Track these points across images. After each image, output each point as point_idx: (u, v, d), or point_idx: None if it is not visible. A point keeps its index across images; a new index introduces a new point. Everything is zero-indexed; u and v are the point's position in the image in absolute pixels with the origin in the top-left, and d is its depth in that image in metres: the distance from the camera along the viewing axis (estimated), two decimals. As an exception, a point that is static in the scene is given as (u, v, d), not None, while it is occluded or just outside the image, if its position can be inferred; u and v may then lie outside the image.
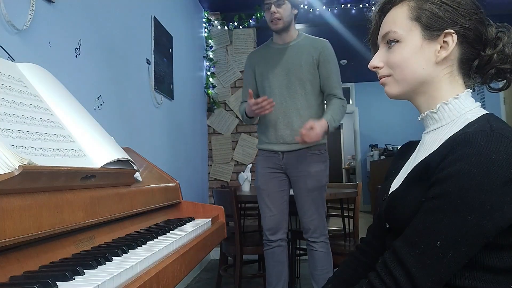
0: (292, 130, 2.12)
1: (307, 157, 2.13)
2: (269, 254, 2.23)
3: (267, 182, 2.20)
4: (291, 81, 2.13)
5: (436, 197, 0.69)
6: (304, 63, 2.12)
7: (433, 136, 0.83)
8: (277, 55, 2.18)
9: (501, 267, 0.70)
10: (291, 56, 2.15)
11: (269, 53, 2.22)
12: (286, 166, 2.17)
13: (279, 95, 2.15)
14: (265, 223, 2.21)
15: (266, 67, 2.20)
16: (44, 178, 0.66)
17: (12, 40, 1.34)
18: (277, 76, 2.16)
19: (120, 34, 2.18)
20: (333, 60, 2.15)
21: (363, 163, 8.16)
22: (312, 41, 2.18)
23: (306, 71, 2.12)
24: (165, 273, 0.70)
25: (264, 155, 2.23)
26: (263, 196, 2.21)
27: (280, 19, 2.09)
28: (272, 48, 2.23)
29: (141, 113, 2.46)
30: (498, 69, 0.81)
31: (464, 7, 0.79)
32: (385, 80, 0.86)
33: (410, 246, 0.70)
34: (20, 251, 0.61)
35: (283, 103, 2.14)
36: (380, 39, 0.87)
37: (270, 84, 2.17)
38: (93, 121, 0.96)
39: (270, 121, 2.17)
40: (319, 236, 2.13)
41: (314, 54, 2.13)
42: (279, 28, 2.12)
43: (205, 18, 4.20)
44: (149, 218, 1.11)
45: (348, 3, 4.06)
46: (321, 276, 2.12)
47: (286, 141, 2.14)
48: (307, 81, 2.13)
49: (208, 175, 4.15)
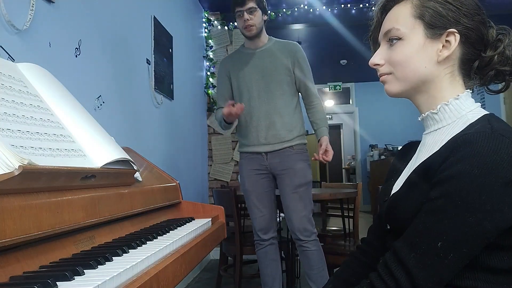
0: (274, 130, 2.17)
1: (291, 155, 2.17)
2: (262, 253, 2.26)
3: (254, 184, 2.23)
4: (268, 83, 2.19)
5: (437, 198, 0.69)
6: (279, 65, 2.19)
7: (434, 137, 0.82)
8: (251, 59, 2.24)
9: (502, 267, 0.70)
10: (265, 59, 2.21)
11: (242, 58, 2.27)
12: (270, 166, 2.20)
13: (258, 98, 2.19)
14: (256, 224, 2.24)
15: (242, 72, 2.24)
16: (44, 178, 0.66)
17: (12, 40, 1.34)
18: (254, 80, 2.21)
19: (120, 34, 2.18)
20: (306, 62, 2.25)
21: (363, 163, 8.16)
22: (284, 44, 2.26)
23: (282, 73, 2.19)
24: (165, 273, 0.70)
25: (248, 158, 2.26)
26: (251, 198, 2.24)
27: (253, 25, 2.15)
28: (244, 53, 2.28)
29: (141, 113, 2.46)
30: (498, 71, 0.81)
31: (467, 7, 0.79)
32: (386, 78, 0.86)
33: (411, 247, 0.70)
34: (20, 251, 0.61)
35: (262, 105, 2.19)
36: (381, 36, 0.87)
37: (248, 88, 2.21)
38: (93, 121, 0.96)
39: (252, 124, 2.21)
40: (310, 234, 2.14)
41: (288, 56, 2.20)
42: (253, 34, 2.18)
43: (205, 18, 4.20)
44: (149, 218, 1.11)
45: (348, 3, 4.06)
46: (318, 275, 2.13)
47: (269, 142, 2.18)
48: (283, 82, 2.20)
49: (208, 175, 4.15)
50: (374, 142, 7.80)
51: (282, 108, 2.19)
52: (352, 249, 2.47)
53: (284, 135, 2.17)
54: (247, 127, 2.24)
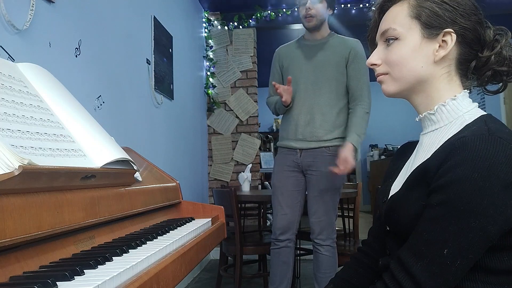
0: (313, 128, 2.09)
1: (324, 156, 2.09)
2: (275, 254, 2.19)
3: (282, 180, 2.17)
4: (318, 78, 2.10)
5: (439, 205, 0.69)
6: (333, 61, 2.10)
7: (431, 138, 0.82)
8: (306, 52, 2.16)
9: (502, 268, 0.70)
10: (320, 53, 2.13)
11: (298, 49, 2.19)
12: (303, 164, 2.14)
13: (304, 90, 2.12)
14: (275, 221, 2.17)
15: (293, 62, 2.17)
16: (44, 178, 0.66)
17: (12, 40, 1.34)
18: (304, 72, 2.13)
19: (120, 34, 2.18)
20: (363, 60, 2.10)
21: (363, 163, 8.15)
22: (343, 40, 2.16)
23: (334, 70, 2.10)
24: (165, 273, 0.70)
25: (283, 153, 2.21)
26: (277, 194, 2.17)
27: (314, 16, 2.07)
28: (302, 44, 2.21)
29: (141, 113, 2.46)
30: (495, 71, 0.81)
31: (464, 7, 0.79)
32: (382, 78, 0.86)
33: (417, 256, 0.70)
34: (20, 251, 0.61)
35: (307, 99, 2.11)
36: (379, 36, 0.87)
37: (297, 80, 2.13)
38: (93, 121, 0.96)
39: (293, 117, 2.15)
40: (325, 239, 2.10)
41: (344, 53, 2.10)
42: (312, 25, 2.10)
43: (205, 18, 4.20)
44: (149, 218, 1.11)
45: (348, 3, 4.06)
46: (324, 279, 2.11)
47: (305, 138, 2.11)
48: (334, 79, 2.10)
49: (208, 175, 4.15)
50: (374, 142, 7.80)
51: (325, 106, 2.09)
52: (352, 249, 2.47)
53: (321, 134, 2.09)
54: (289, 119, 2.17)
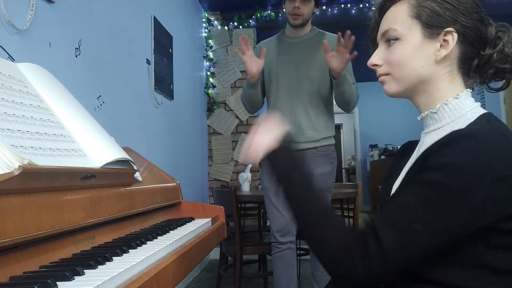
0: (299, 128, 2.05)
1: (314, 157, 2.07)
2: (278, 258, 2.12)
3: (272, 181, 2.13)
4: (300, 77, 2.07)
5: (428, 182, 0.68)
6: (316, 59, 2.06)
7: (433, 137, 0.82)
8: (287, 49, 2.12)
9: (503, 268, 0.70)
10: (302, 51, 2.09)
11: (279, 45, 2.15)
12: None
13: (286, 91, 2.08)
14: (273, 224, 2.10)
15: (275, 61, 2.12)
16: (44, 178, 0.66)
17: (12, 40, 1.34)
18: (286, 71, 2.09)
19: (120, 34, 2.18)
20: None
21: (363, 163, 8.15)
22: (324, 36, 2.11)
23: (316, 68, 2.06)
24: (165, 273, 0.70)
25: None
26: (270, 196, 2.11)
27: (301, 15, 2.03)
28: (283, 40, 2.16)
29: (141, 113, 2.46)
30: (498, 68, 0.81)
31: (465, 5, 0.79)
32: (384, 78, 0.86)
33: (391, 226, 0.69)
34: (20, 251, 0.61)
35: (290, 97, 2.07)
36: (379, 36, 0.87)
37: (278, 79, 2.10)
38: (93, 121, 0.96)
39: None
40: None
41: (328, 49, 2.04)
42: (298, 23, 2.06)
43: (205, 18, 4.20)
44: (149, 218, 1.11)
45: (348, 3, 4.06)
46: (322, 278, 2.09)
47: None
48: (316, 78, 2.06)
49: (208, 175, 4.15)
50: (374, 142, 7.80)
51: (309, 105, 2.05)
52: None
53: (310, 134, 2.05)
54: None
